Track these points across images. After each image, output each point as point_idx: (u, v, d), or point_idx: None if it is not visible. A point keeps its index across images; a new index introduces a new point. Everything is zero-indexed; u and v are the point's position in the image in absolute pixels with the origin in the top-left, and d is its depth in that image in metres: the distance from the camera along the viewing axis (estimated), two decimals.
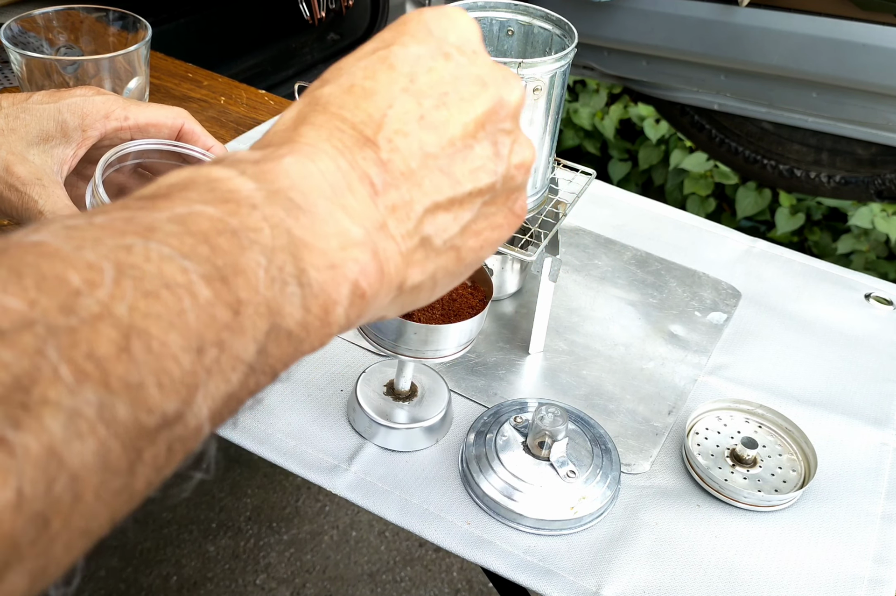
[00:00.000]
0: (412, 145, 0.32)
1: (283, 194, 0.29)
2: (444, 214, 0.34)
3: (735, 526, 0.59)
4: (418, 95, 0.33)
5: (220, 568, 1.48)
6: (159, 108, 0.57)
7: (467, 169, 0.34)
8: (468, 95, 0.34)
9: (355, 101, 0.33)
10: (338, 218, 0.30)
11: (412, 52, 0.34)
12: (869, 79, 1.54)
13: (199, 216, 0.27)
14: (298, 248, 0.28)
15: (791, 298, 0.80)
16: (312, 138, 0.32)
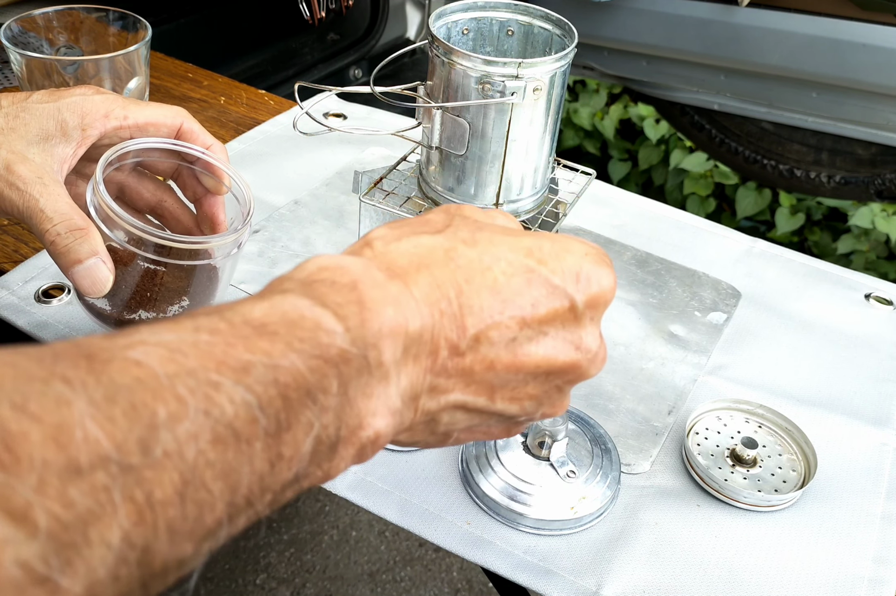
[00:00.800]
0: (488, 355, 0.36)
1: (367, 348, 0.32)
2: (462, 414, 0.37)
3: (735, 526, 0.59)
4: (527, 321, 0.36)
5: (220, 568, 1.48)
6: (158, 108, 0.57)
7: (509, 395, 0.38)
8: (561, 347, 0.38)
9: (481, 286, 0.36)
10: (390, 385, 0.33)
11: (553, 282, 0.37)
12: (869, 79, 1.54)
13: (289, 369, 0.29)
14: (344, 408, 0.31)
15: (791, 298, 0.80)
16: (424, 293, 0.34)
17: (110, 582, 0.22)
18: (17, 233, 0.77)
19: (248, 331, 0.29)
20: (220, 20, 1.47)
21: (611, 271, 0.39)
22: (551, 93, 0.62)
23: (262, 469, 0.27)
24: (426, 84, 0.65)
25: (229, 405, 0.26)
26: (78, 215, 0.51)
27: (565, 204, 0.71)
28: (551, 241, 0.39)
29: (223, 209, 0.60)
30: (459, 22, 0.66)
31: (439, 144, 0.64)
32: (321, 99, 0.74)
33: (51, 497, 0.21)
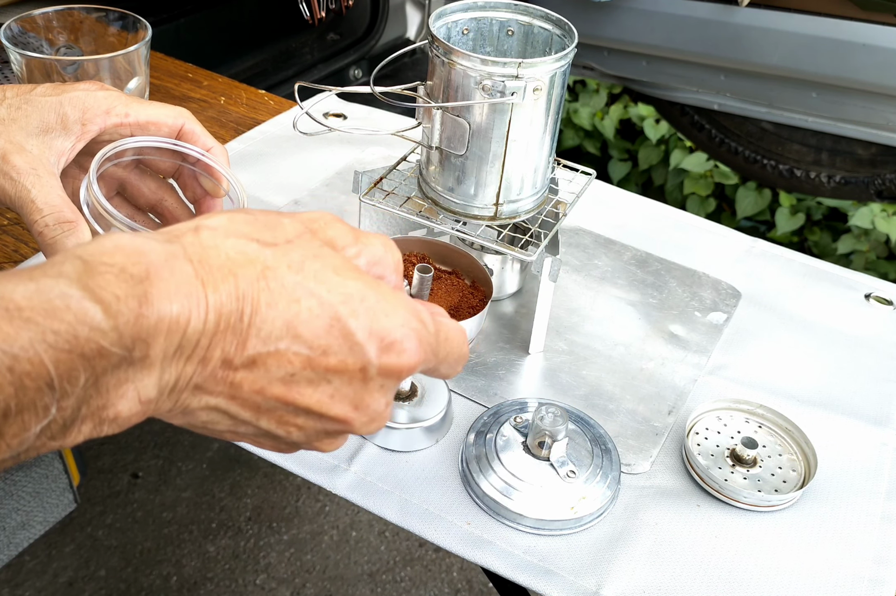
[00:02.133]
0: (260, 380, 0.35)
1: (131, 347, 0.31)
2: (223, 418, 0.37)
3: (735, 526, 0.59)
4: (313, 363, 0.36)
5: (220, 568, 1.48)
6: (161, 107, 0.57)
7: (276, 419, 0.37)
8: (337, 400, 0.37)
9: (281, 312, 0.35)
10: (152, 375, 0.33)
11: (352, 340, 0.36)
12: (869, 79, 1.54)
13: (30, 361, 0.29)
14: (89, 396, 0.32)
15: (791, 298, 0.80)
16: (221, 302, 0.33)
17: None
18: (18, 233, 0.77)
19: (0, 313, 0.29)
20: (220, 20, 1.47)
21: (419, 351, 0.38)
22: (551, 93, 0.62)
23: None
24: (426, 84, 0.65)
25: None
26: (68, 208, 0.51)
27: (565, 204, 0.71)
28: (379, 298, 0.37)
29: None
30: (459, 22, 0.66)
31: (439, 144, 0.64)
32: (321, 99, 0.74)
33: None
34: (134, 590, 1.43)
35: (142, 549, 1.49)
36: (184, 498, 1.58)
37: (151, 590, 1.44)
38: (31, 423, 0.30)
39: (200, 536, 1.52)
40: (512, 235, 0.73)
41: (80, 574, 1.45)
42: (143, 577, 1.45)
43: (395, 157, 0.87)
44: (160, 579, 1.45)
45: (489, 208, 0.66)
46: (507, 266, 0.74)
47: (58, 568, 1.45)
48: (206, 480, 1.61)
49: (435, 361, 0.40)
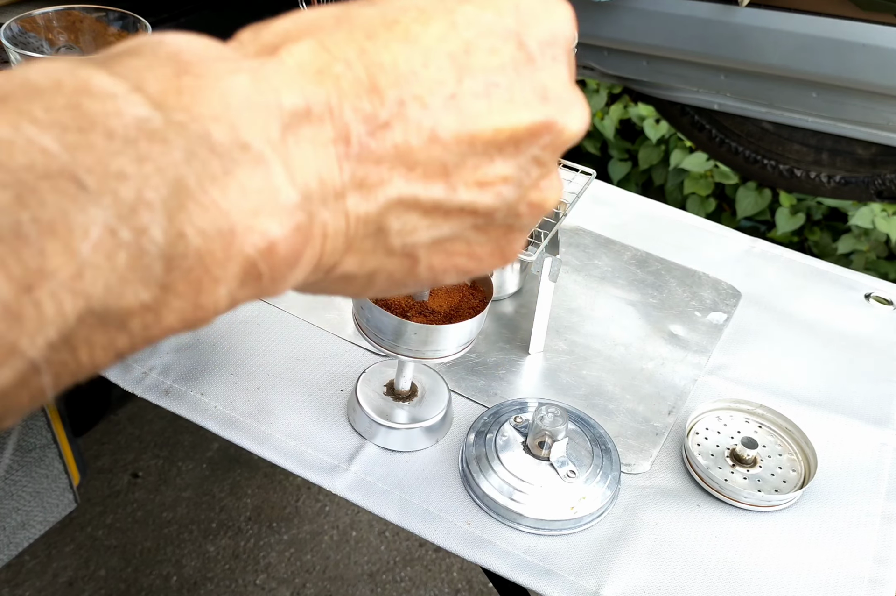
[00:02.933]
0: (424, 121, 0.25)
1: (196, 127, 0.21)
2: (418, 216, 0.27)
3: (735, 526, 0.59)
4: (464, 70, 0.26)
5: (220, 568, 1.48)
6: None
7: (474, 179, 0.27)
8: (520, 100, 0.27)
9: (389, 39, 0.26)
10: (272, 171, 0.23)
11: (485, 19, 0.27)
12: (869, 79, 1.54)
13: (23, 148, 0.19)
14: (185, 206, 0.21)
15: (791, 298, 0.80)
16: (302, 60, 0.24)
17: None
18: None
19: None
20: (220, 20, 1.47)
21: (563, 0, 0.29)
22: None
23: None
24: None
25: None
26: None
27: (565, 204, 0.71)
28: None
29: None
30: None
31: None
32: None
33: None
34: (134, 590, 1.43)
35: (142, 549, 1.49)
36: (184, 498, 1.58)
37: (151, 590, 1.44)
38: (78, 242, 0.19)
39: (200, 536, 1.52)
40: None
41: (80, 574, 1.45)
42: (143, 577, 1.45)
43: None
44: (160, 579, 1.45)
45: None
46: (507, 266, 0.74)
47: (58, 568, 1.45)
48: (206, 480, 1.61)
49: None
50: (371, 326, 0.55)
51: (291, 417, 0.63)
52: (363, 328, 0.56)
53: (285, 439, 0.62)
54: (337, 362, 0.68)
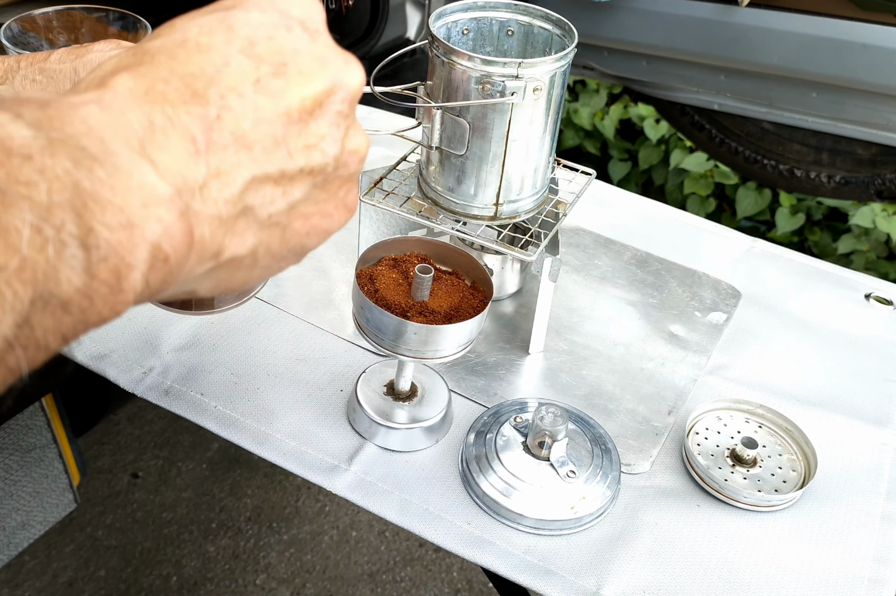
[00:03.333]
0: (246, 106, 0.30)
1: (73, 142, 0.26)
2: (272, 187, 0.32)
3: (735, 526, 0.59)
4: (257, 59, 0.31)
5: (220, 568, 1.48)
6: None
7: (301, 144, 0.32)
8: (307, 70, 0.32)
9: (188, 54, 0.30)
10: (143, 172, 0.27)
11: (253, 17, 0.32)
12: (869, 79, 1.54)
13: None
14: (86, 204, 0.25)
15: (791, 298, 0.80)
16: (128, 87, 0.29)
17: None
18: None
19: None
20: None
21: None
22: (551, 93, 0.62)
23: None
24: (426, 84, 0.65)
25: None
26: None
27: (565, 204, 0.71)
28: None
29: None
30: (459, 22, 0.66)
31: (439, 144, 0.64)
32: None
33: None
34: (134, 590, 1.43)
35: (142, 549, 1.49)
36: (184, 498, 1.58)
37: (151, 590, 1.44)
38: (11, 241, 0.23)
39: (200, 536, 1.52)
40: (512, 235, 0.73)
41: (80, 574, 1.45)
42: (143, 577, 1.45)
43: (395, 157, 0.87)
44: (160, 579, 1.45)
45: (489, 208, 0.66)
46: (507, 266, 0.74)
47: (58, 568, 1.45)
48: (206, 480, 1.61)
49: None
50: (371, 326, 0.55)
51: (291, 417, 0.63)
52: (363, 328, 0.56)
53: (285, 439, 0.62)
54: (337, 362, 0.68)
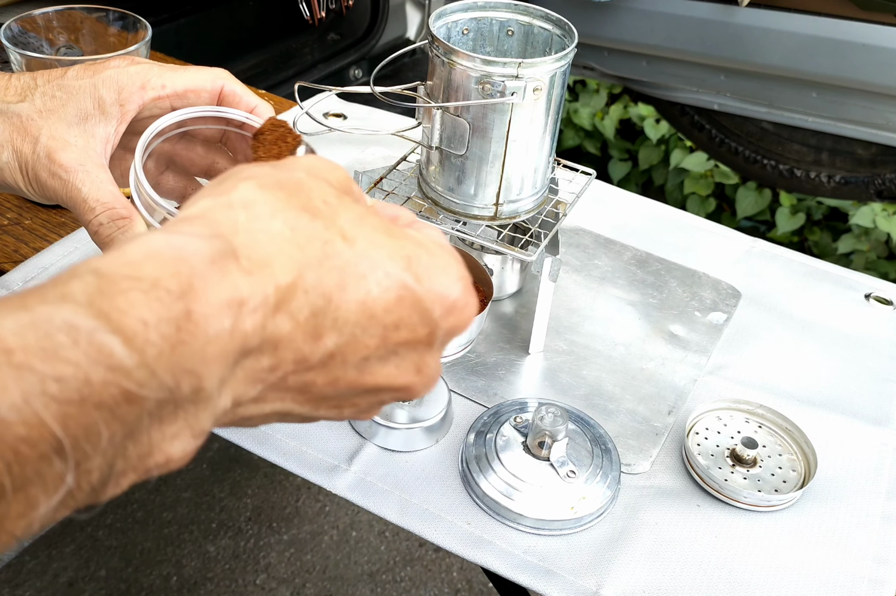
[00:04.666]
0: (337, 372, 0.32)
1: (175, 381, 0.26)
2: (278, 419, 0.34)
3: (735, 526, 0.59)
4: (384, 341, 0.33)
5: (220, 568, 1.48)
6: (197, 72, 0.55)
7: (335, 404, 0.35)
8: (403, 369, 0.34)
9: (351, 297, 0.31)
10: (206, 411, 0.28)
11: (423, 306, 0.33)
12: (869, 79, 1.54)
13: (25, 423, 0.23)
14: (124, 449, 0.26)
15: (791, 298, 0.80)
16: (279, 297, 0.29)
17: None
18: (17, 233, 0.77)
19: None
20: (220, 20, 1.47)
21: (475, 301, 0.36)
22: (551, 93, 0.62)
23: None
24: (426, 84, 0.65)
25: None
26: (120, 204, 0.49)
27: (565, 204, 0.71)
28: (429, 255, 0.34)
29: None
30: (459, 22, 0.66)
31: (439, 144, 0.64)
32: (321, 99, 0.74)
33: None
34: (134, 590, 1.43)
35: (142, 549, 1.49)
36: (184, 498, 1.58)
37: (151, 590, 1.44)
38: (40, 499, 0.23)
39: (200, 536, 1.52)
40: (512, 235, 0.73)
41: (80, 574, 1.45)
42: (143, 577, 1.45)
43: (395, 157, 0.87)
44: (160, 579, 1.45)
45: (489, 208, 0.66)
46: (507, 266, 0.74)
47: (58, 568, 1.45)
48: (206, 480, 1.61)
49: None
50: None
51: None
52: None
53: (285, 439, 0.62)
54: None
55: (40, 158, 0.49)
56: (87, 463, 0.24)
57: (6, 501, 0.22)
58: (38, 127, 0.50)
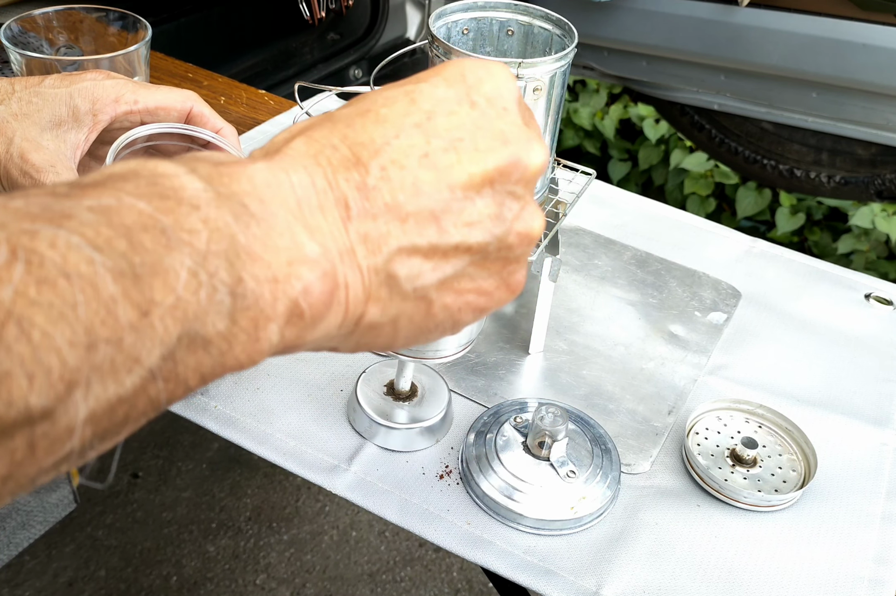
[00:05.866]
0: (406, 179, 0.31)
1: (236, 199, 0.28)
2: (421, 260, 0.32)
3: (735, 526, 0.59)
4: (430, 134, 0.32)
5: (220, 568, 1.48)
6: (169, 92, 0.58)
7: (461, 220, 0.32)
8: (484, 147, 0.33)
9: (364, 123, 0.32)
10: (295, 232, 0.29)
11: (439, 92, 0.33)
12: (869, 79, 1.54)
13: (127, 209, 0.25)
14: (240, 256, 0.27)
15: (791, 298, 0.80)
16: (300, 151, 0.31)
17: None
18: None
19: (73, 189, 0.25)
20: (220, 20, 1.47)
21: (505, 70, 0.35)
22: (551, 93, 0.62)
23: (127, 314, 0.24)
24: None
25: (49, 249, 0.23)
26: None
27: (565, 204, 0.71)
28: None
29: None
30: (459, 22, 0.66)
31: None
32: (321, 99, 0.74)
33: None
34: (134, 590, 1.43)
35: (142, 549, 1.49)
36: (184, 498, 1.58)
37: (151, 590, 1.44)
38: (174, 282, 0.25)
39: (200, 536, 1.52)
40: None
41: (80, 574, 1.45)
42: (143, 577, 1.45)
43: None
44: (160, 579, 1.45)
45: None
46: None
47: (58, 568, 1.45)
48: (206, 480, 1.61)
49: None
50: None
51: (291, 417, 0.63)
52: None
53: (285, 439, 0.62)
54: (337, 362, 0.68)
55: (13, 158, 0.52)
56: (208, 262, 0.26)
57: (145, 282, 0.24)
58: (13, 129, 0.53)
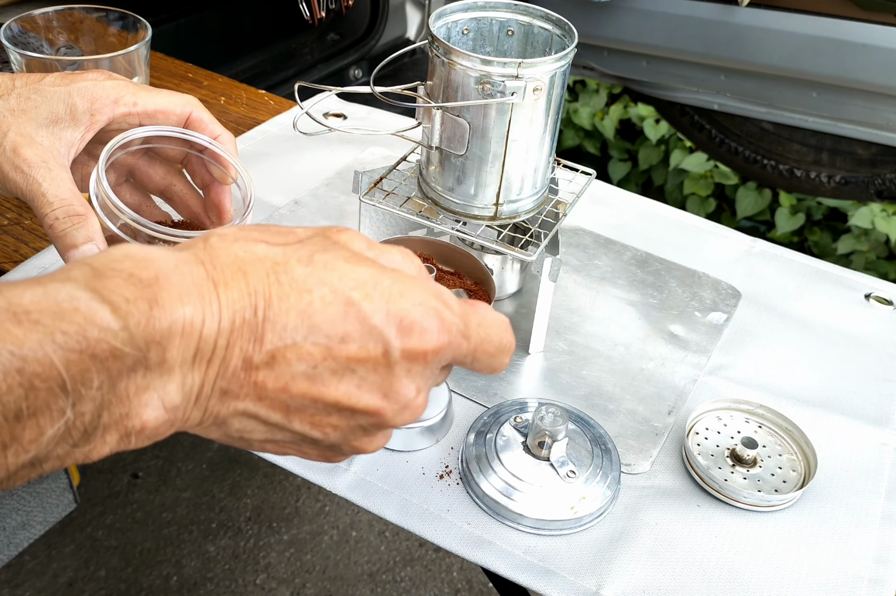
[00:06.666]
0: (284, 375, 0.35)
1: (143, 347, 0.32)
2: (256, 424, 0.37)
3: (735, 526, 0.59)
4: (332, 353, 0.35)
5: (220, 568, 1.48)
6: (169, 96, 0.57)
7: (308, 420, 0.37)
8: (365, 389, 0.36)
9: (292, 306, 0.35)
10: (171, 382, 0.33)
11: (373, 321, 0.35)
12: (869, 79, 1.54)
13: (40, 362, 0.29)
14: (109, 400, 0.32)
15: (791, 298, 0.80)
16: (231, 297, 0.34)
17: None
18: (17, 233, 0.77)
19: (6, 317, 0.29)
20: (220, 20, 1.47)
21: (442, 331, 0.37)
22: (551, 93, 0.62)
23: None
24: (426, 84, 0.65)
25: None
26: (78, 201, 0.52)
27: (565, 204, 0.71)
28: (393, 281, 0.36)
29: (230, 198, 0.61)
30: (459, 22, 0.66)
31: (439, 144, 0.64)
32: (321, 99, 0.74)
33: None
34: (134, 590, 1.43)
35: (142, 549, 1.49)
36: (184, 498, 1.58)
37: (151, 590, 1.44)
38: (47, 426, 0.30)
39: (200, 536, 1.52)
40: (512, 235, 0.73)
41: (80, 574, 1.45)
42: (143, 577, 1.45)
43: (395, 157, 0.87)
44: (160, 579, 1.45)
45: (489, 208, 0.66)
46: (507, 266, 0.74)
47: (58, 568, 1.45)
48: (206, 481, 1.61)
49: (467, 347, 0.39)
50: None
51: None
52: None
53: None
54: None
55: (6, 152, 0.52)
56: (81, 405, 0.30)
57: (22, 424, 0.29)
58: (9, 124, 0.53)
